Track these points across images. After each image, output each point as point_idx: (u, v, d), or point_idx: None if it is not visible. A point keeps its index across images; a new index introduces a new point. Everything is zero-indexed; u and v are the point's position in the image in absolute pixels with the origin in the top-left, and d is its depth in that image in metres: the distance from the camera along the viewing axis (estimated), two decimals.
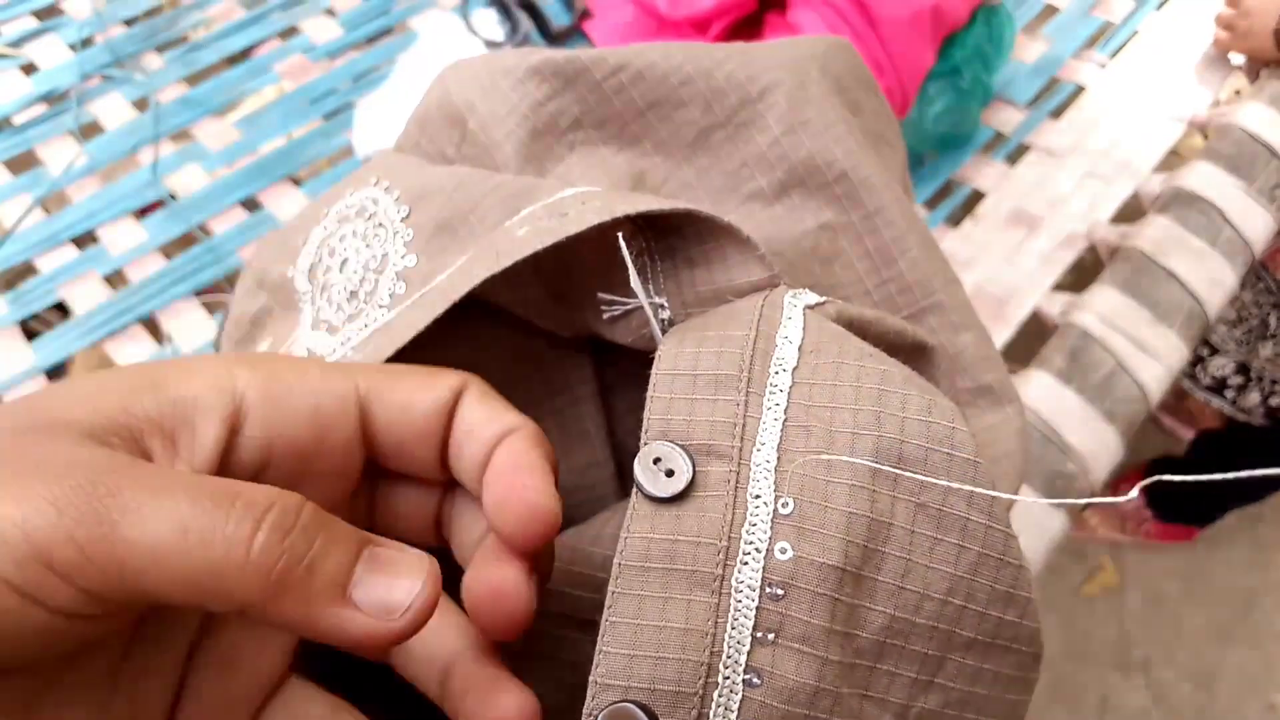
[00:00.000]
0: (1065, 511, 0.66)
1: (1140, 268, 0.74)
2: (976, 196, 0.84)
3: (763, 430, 0.24)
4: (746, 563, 0.22)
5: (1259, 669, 1.54)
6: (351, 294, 0.31)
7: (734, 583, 0.22)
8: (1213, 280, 0.74)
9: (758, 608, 0.22)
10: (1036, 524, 0.65)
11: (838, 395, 0.24)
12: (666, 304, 0.28)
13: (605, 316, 0.29)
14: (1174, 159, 0.87)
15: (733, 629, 0.22)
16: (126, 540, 0.18)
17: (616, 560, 0.23)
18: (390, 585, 0.20)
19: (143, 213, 0.79)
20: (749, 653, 0.22)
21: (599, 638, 0.22)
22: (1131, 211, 0.82)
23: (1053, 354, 0.71)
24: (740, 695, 0.22)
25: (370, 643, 0.20)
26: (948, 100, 0.82)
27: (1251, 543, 1.65)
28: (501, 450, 0.24)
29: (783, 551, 0.22)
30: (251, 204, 0.81)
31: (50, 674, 0.21)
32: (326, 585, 0.20)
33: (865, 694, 0.23)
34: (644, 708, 0.21)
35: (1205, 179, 0.79)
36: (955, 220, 0.83)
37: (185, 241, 0.78)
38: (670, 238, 0.28)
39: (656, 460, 0.23)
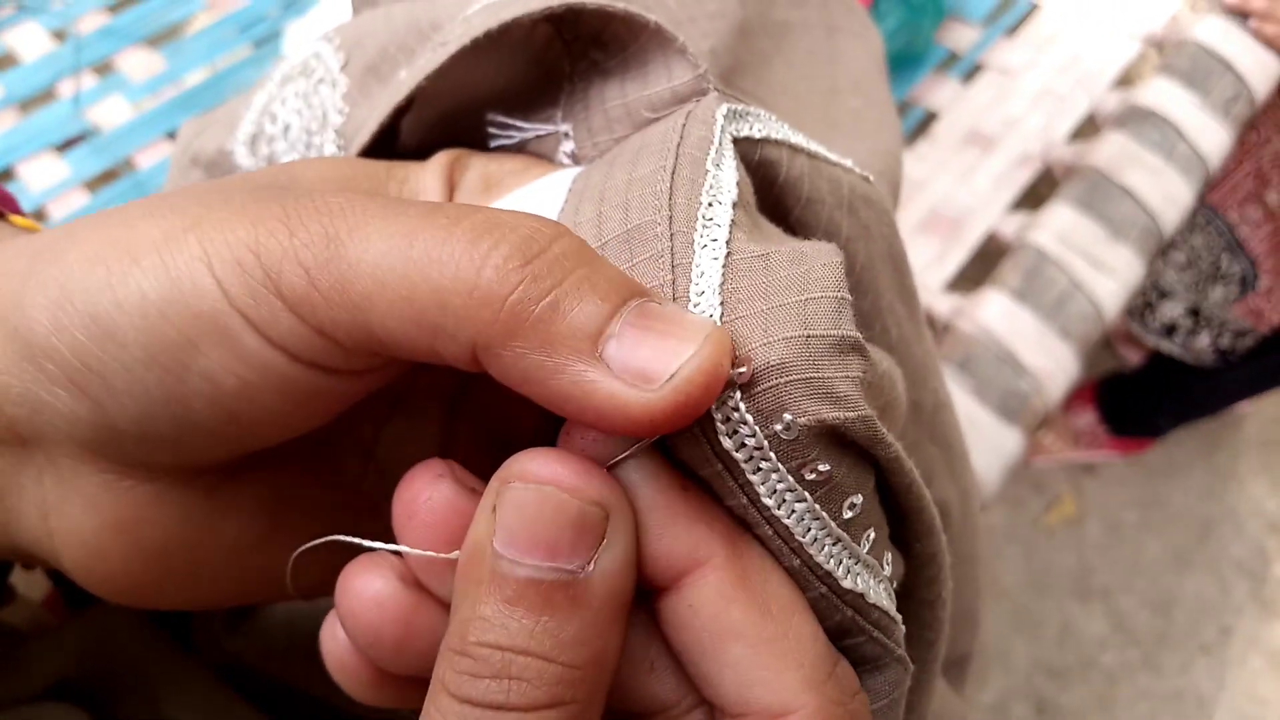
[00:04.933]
0: (1020, 432, 0.65)
1: (1095, 185, 0.73)
2: (930, 117, 0.82)
3: (698, 274, 0.18)
4: (760, 469, 0.18)
5: (1214, 594, 1.56)
6: None
7: (767, 500, 0.18)
8: (1168, 196, 0.73)
9: (816, 500, 0.18)
10: (992, 445, 0.64)
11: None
12: (571, 132, 0.23)
13: (492, 145, 0.24)
14: (1125, 83, 0.85)
15: (814, 543, 0.18)
16: (350, 261, 0.16)
17: None
18: (656, 346, 0.16)
19: (64, 147, 0.75)
20: (852, 537, 0.19)
21: None
22: (1087, 134, 0.81)
23: (1008, 273, 0.70)
24: (877, 565, 0.19)
25: (618, 418, 0.16)
26: (900, 17, 0.80)
27: (1208, 471, 1.66)
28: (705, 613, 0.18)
29: (789, 430, 0.17)
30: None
31: (291, 475, 0.21)
32: (571, 331, 0.16)
33: None
34: None
35: (1161, 94, 0.77)
36: (909, 141, 0.81)
37: (109, 176, 0.74)
38: (591, 51, 0.23)
39: None
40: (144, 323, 0.17)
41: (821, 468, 0.17)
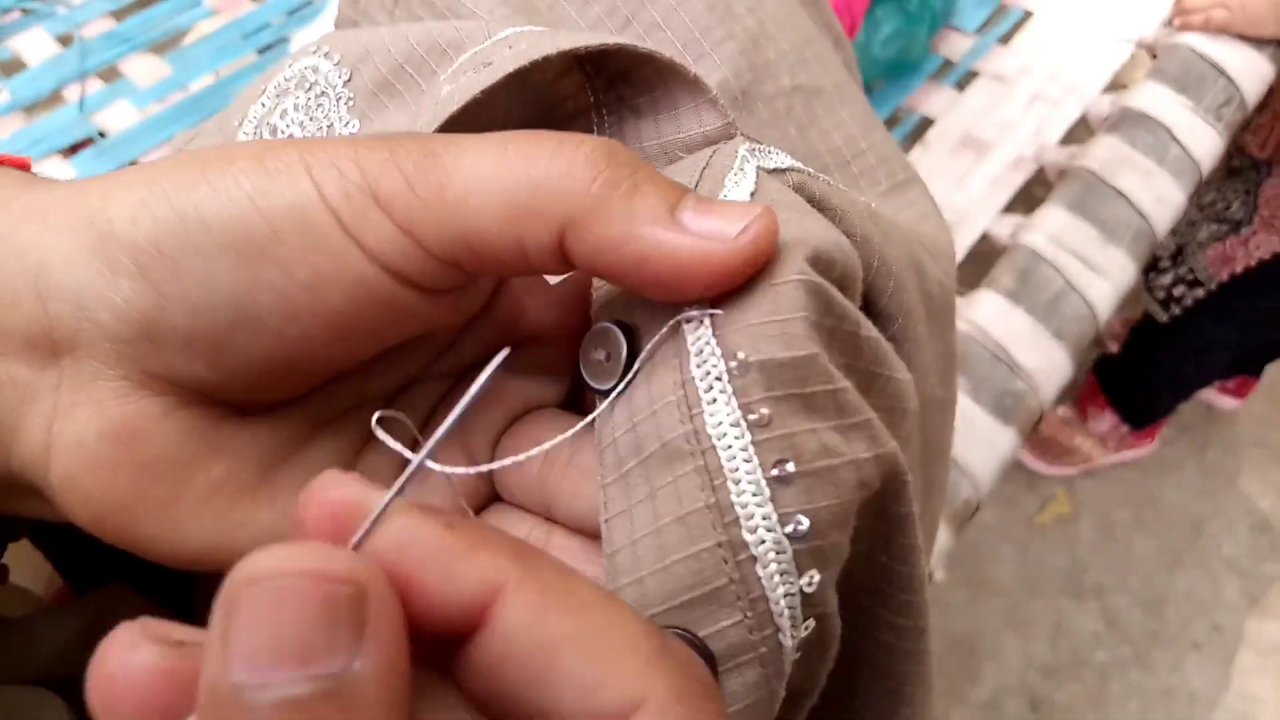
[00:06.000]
0: (1015, 431, 0.66)
1: (1089, 187, 0.74)
2: (925, 123, 0.84)
3: None
4: (715, 400, 0.19)
5: (1206, 592, 1.58)
6: None
7: (711, 430, 0.19)
8: (1160, 198, 0.74)
9: (752, 442, 0.19)
10: (987, 442, 0.65)
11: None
12: None
13: None
14: (1117, 87, 0.87)
15: (736, 484, 0.19)
16: (448, 167, 0.19)
17: (600, 481, 0.20)
18: (724, 212, 0.19)
19: (70, 151, 0.76)
20: (772, 499, 0.18)
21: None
22: (1079, 138, 0.82)
23: (1002, 274, 0.71)
24: (790, 553, 0.18)
25: (700, 270, 0.19)
26: (895, 24, 0.81)
27: (1200, 469, 1.68)
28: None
29: (742, 367, 0.19)
30: None
31: (294, 435, 0.21)
32: (652, 205, 0.19)
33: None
34: (689, 637, 0.18)
35: (1153, 98, 0.79)
36: (904, 147, 0.82)
37: None
38: (618, 86, 0.25)
39: (598, 348, 0.21)
40: (233, 209, 0.18)
41: (764, 410, 0.19)
